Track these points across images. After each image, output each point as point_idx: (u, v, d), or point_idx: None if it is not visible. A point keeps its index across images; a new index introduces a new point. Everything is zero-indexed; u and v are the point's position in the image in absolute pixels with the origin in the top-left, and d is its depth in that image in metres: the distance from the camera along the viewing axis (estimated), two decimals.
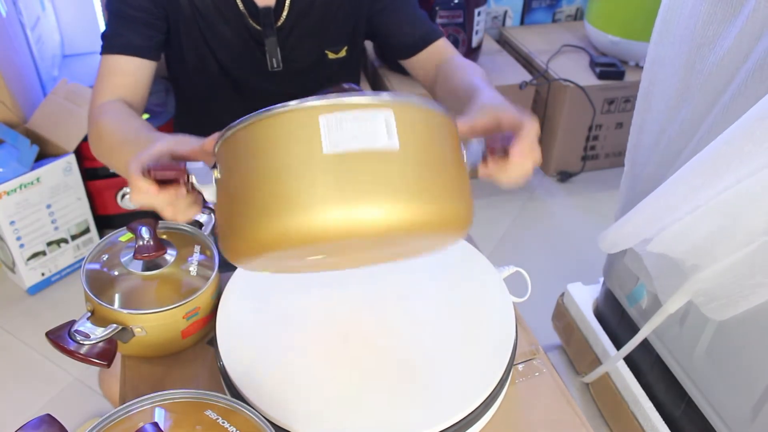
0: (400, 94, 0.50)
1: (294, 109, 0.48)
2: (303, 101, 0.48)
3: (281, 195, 0.47)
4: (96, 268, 0.73)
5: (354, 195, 0.47)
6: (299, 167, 0.47)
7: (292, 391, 0.61)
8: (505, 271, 0.78)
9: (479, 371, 0.63)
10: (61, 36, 2.40)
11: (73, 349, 0.65)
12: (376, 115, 0.48)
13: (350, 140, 0.47)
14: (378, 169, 0.47)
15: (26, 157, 1.54)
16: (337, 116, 0.47)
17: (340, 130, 0.47)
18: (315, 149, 0.47)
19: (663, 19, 1.04)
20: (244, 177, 0.50)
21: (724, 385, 1.04)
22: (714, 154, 0.80)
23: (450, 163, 0.52)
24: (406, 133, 0.48)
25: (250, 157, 0.49)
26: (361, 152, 0.47)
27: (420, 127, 0.50)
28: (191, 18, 0.92)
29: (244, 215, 0.49)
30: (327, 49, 0.99)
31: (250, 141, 0.50)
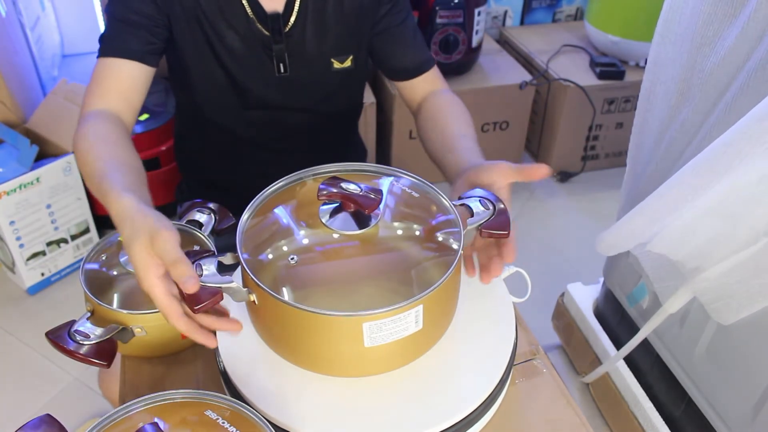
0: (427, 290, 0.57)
1: (343, 317, 0.56)
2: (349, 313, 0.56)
3: (320, 358, 0.61)
4: (95, 268, 0.73)
5: (377, 367, 0.62)
6: (341, 351, 0.60)
7: (292, 391, 0.61)
8: (505, 271, 0.78)
9: (479, 371, 0.63)
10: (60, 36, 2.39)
11: (73, 349, 0.65)
12: (409, 313, 0.57)
13: (386, 337, 0.57)
14: (401, 348, 0.60)
15: (26, 157, 1.54)
16: (377, 323, 0.56)
17: (379, 331, 0.57)
18: (357, 344, 0.57)
19: (664, 19, 1.03)
20: (286, 332, 0.60)
21: (725, 385, 1.04)
22: (713, 156, 0.80)
23: (453, 297, 0.65)
24: (428, 315, 0.59)
25: (292, 325, 0.59)
26: (393, 342, 0.58)
27: (440, 303, 0.61)
28: (196, 24, 0.91)
29: (280, 345, 0.63)
30: (333, 57, 0.99)
31: (293, 316, 0.57)
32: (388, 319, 0.56)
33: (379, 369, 0.62)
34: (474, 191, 0.69)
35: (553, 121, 2.09)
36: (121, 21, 0.89)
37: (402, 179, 0.69)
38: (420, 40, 1.02)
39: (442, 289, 0.58)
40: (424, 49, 1.03)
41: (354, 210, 0.62)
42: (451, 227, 0.62)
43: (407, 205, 0.66)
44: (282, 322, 0.59)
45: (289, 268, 0.59)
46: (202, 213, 0.82)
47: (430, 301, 0.57)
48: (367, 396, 0.61)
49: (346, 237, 0.61)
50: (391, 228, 0.63)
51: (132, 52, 0.88)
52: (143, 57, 0.89)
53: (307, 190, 0.68)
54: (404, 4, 1.00)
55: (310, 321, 0.56)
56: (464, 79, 2.00)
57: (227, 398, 0.55)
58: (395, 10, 0.98)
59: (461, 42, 1.89)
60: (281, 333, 0.61)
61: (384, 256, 0.62)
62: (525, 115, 2.08)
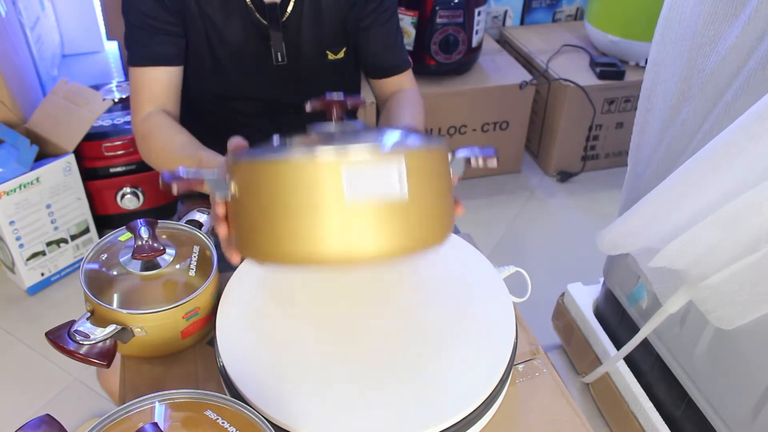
0: (410, 142, 0.58)
1: (320, 158, 0.53)
2: (327, 150, 0.53)
3: (300, 231, 0.54)
4: (95, 268, 0.73)
5: (361, 236, 0.54)
6: (320, 210, 0.54)
7: (292, 391, 0.61)
8: (505, 271, 0.78)
9: (479, 371, 0.63)
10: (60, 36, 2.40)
11: (73, 349, 0.65)
12: (391, 165, 0.54)
13: (368, 191, 0.53)
14: (386, 215, 0.55)
15: (26, 157, 1.54)
16: (358, 167, 0.53)
17: (359, 180, 0.53)
18: (336, 198, 0.53)
19: (665, 19, 1.04)
20: (264, 205, 0.56)
21: (725, 385, 1.04)
22: (713, 153, 0.80)
23: (442, 192, 0.60)
24: (413, 178, 0.55)
25: (271, 191, 0.55)
26: (375, 199, 0.54)
27: (425, 168, 0.57)
28: (198, 18, 0.94)
29: (261, 237, 0.56)
30: (327, 49, 1.01)
31: (272, 176, 0.55)
32: (368, 164, 0.53)
33: (364, 245, 0.55)
34: None
35: (553, 121, 2.09)
36: (139, 28, 0.93)
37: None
38: (400, 42, 1.07)
39: (427, 161, 0.57)
40: (402, 51, 1.07)
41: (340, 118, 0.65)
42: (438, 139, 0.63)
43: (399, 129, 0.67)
44: (260, 198, 0.56)
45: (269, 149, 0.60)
46: (202, 213, 0.82)
47: (414, 164, 0.55)
48: (367, 396, 0.61)
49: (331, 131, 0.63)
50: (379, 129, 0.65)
51: (161, 57, 0.93)
52: (172, 59, 0.94)
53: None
54: (390, 5, 1.02)
55: (289, 175, 0.54)
56: (464, 79, 2.00)
57: (227, 398, 0.55)
58: (381, 9, 1.01)
59: (461, 42, 1.89)
60: (260, 212, 0.56)
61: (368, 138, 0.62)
62: (525, 115, 2.08)
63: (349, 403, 0.60)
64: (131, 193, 1.77)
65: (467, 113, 2.01)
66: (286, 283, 0.74)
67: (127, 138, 1.70)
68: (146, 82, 0.95)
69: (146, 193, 1.79)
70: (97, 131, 1.69)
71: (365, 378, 0.63)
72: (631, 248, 1.06)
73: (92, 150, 1.68)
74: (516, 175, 2.19)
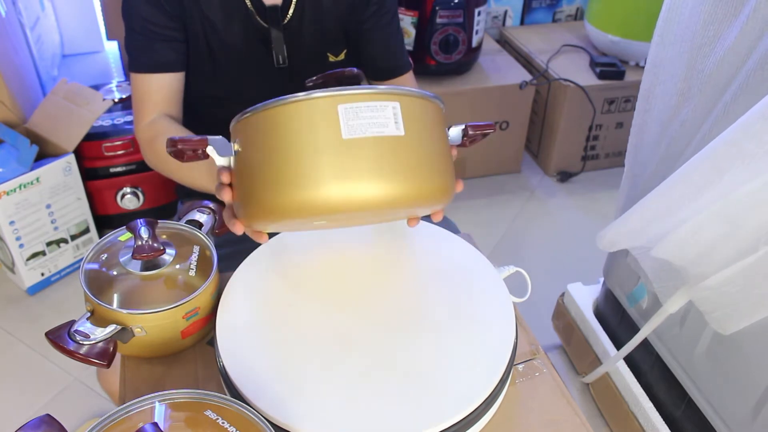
0: (403, 88, 0.59)
1: (316, 97, 0.55)
2: (323, 91, 0.55)
3: (301, 174, 0.55)
4: (95, 268, 0.73)
5: (361, 176, 0.55)
6: (319, 150, 0.55)
7: (292, 391, 0.61)
8: (505, 271, 0.78)
9: (479, 371, 0.63)
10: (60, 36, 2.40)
11: (73, 349, 0.65)
12: (386, 105, 0.56)
13: (364, 127, 0.55)
14: (384, 155, 0.56)
15: (26, 157, 1.54)
16: (354, 106, 0.55)
17: (356, 117, 0.55)
18: (334, 135, 0.55)
19: (664, 19, 1.04)
20: (266, 154, 0.57)
21: (725, 385, 1.04)
22: (715, 153, 0.80)
23: (439, 145, 0.61)
24: (408, 121, 0.57)
25: (272, 137, 0.57)
26: (372, 138, 0.55)
27: (419, 115, 0.59)
28: (198, 22, 0.93)
29: (265, 188, 0.58)
30: (328, 51, 1.01)
31: (273, 122, 0.57)
32: (364, 104, 0.55)
33: (366, 190, 0.56)
34: None
35: (553, 121, 2.09)
36: (140, 34, 0.92)
37: None
38: (401, 45, 1.07)
39: (422, 106, 0.59)
40: (403, 53, 1.07)
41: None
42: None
43: None
44: (262, 147, 0.58)
45: None
46: (202, 213, 0.82)
47: (409, 108, 0.57)
48: (367, 396, 0.61)
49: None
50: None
51: (164, 64, 0.93)
52: (171, 66, 0.94)
53: None
54: (390, 7, 1.02)
55: (287, 117, 0.56)
56: (464, 79, 2.00)
57: (227, 398, 0.55)
58: (382, 11, 1.00)
59: (461, 42, 1.89)
60: (262, 164, 0.58)
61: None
62: (525, 115, 2.08)
63: (349, 403, 0.60)
64: (131, 193, 1.77)
65: (467, 113, 2.01)
66: (286, 283, 0.74)
67: (127, 138, 1.70)
68: (148, 89, 0.94)
69: (146, 193, 1.79)
70: (97, 131, 1.69)
71: (365, 378, 0.63)
72: (631, 245, 1.06)
73: (92, 150, 1.68)
74: (516, 175, 2.19)
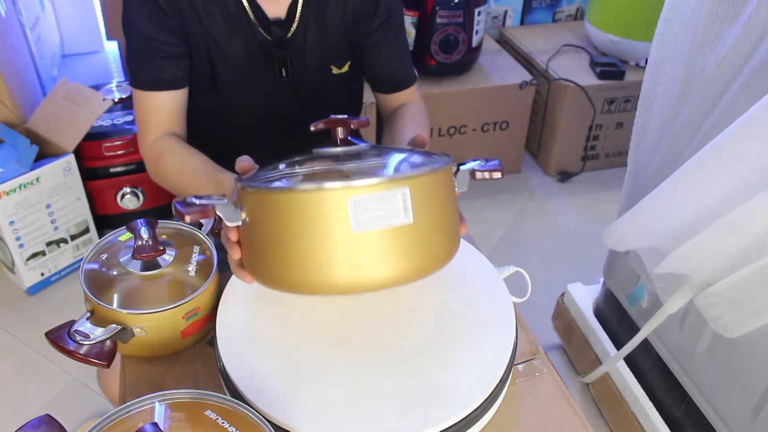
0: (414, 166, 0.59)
1: (326, 189, 0.55)
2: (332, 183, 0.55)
3: (310, 261, 0.57)
4: (95, 268, 0.73)
5: (370, 267, 0.57)
6: (328, 242, 0.56)
7: (292, 391, 0.61)
8: (505, 271, 0.78)
9: (479, 371, 0.63)
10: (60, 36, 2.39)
11: (73, 349, 0.65)
12: (395, 194, 0.55)
13: (374, 220, 0.55)
14: (393, 245, 0.57)
15: (26, 157, 1.54)
16: (363, 198, 0.54)
17: (365, 211, 0.54)
18: (344, 228, 0.55)
19: (665, 19, 1.04)
20: (274, 235, 0.58)
21: (725, 385, 1.04)
22: (721, 147, 0.80)
23: (447, 214, 0.62)
24: (417, 204, 0.57)
25: (280, 221, 0.57)
26: (381, 231, 0.56)
27: (429, 193, 0.59)
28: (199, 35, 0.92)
29: (272, 264, 0.59)
30: (332, 63, 1.00)
31: (280, 207, 0.57)
32: (373, 195, 0.55)
33: (373, 276, 0.57)
34: None
35: (553, 121, 2.09)
36: (143, 51, 0.91)
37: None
38: (407, 57, 1.05)
39: (431, 184, 0.58)
40: (409, 66, 1.06)
41: (343, 137, 0.65)
42: (442, 157, 0.64)
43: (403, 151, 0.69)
44: (270, 223, 0.58)
45: (279, 176, 0.62)
46: None
47: (418, 189, 0.57)
48: (367, 396, 0.61)
49: (336, 153, 0.64)
50: (383, 150, 0.66)
51: (167, 82, 0.92)
52: (175, 84, 0.93)
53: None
54: (397, 19, 1.01)
55: (296, 204, 0.56)
56: (464, 79, 2.00)
57: (227, 398, 0.55)
58: (388, 23, 0.99)
59: (461, 42, 1.89)
60: (270, 241, 0.58)
61: (374, 167, 0.63)
62: (525, 115, 2.08)
63: (349, 403, 0.60)
64: (131, 193, 1.77)
65: (467, 113, 2.01)
66: None
67: (127, 138, 1.70)
68: (152, 106, 0.93)
69: (146, 193, 1.79)
70: (97, 131, 1.69)
71: (365, 378, 0.63)
72: (637, 246, 1.05)
73: (92, 150, 1.68)
74: (516, 175, 2.19)
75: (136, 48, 0.92)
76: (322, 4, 0.94)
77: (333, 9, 0.95)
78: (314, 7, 0.94)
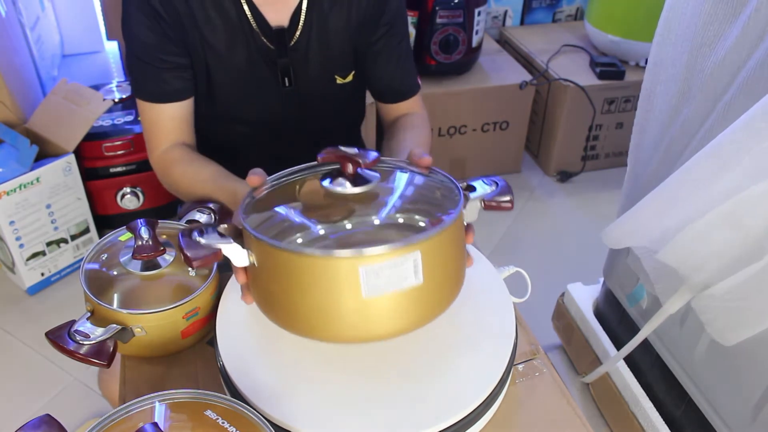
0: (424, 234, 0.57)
1: (338, 257, 0.55)
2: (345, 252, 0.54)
3: (319, 319, 0.58)
4: (95, 268, 0.73)
5: (380, 326, 0.58)
6: (338, 306, 0.57)
7: (292, 391, 0.61)
8: (505, 271, 0.78)
9: (479, 371, 0.63)
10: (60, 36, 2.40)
11: (73, 349, 0.65)
12: (406, 259, 0.55)
13: (384, 286, 0.55)
14: (402, 304, 0.58)
15: (26, 157, 1.54)
16: (374, 266, 0.54)
17: (376, 278, 0.55)
18: (354, 294, 0.55)
19: (665, 19, 1.04)
20: (283, 289, 0.58)
21: (725, 385, 1.04)
22: (721, 146, 0.80)
23: (456, 263, 0.62)
24: (428, 265, 0.57)
25: (289, 278, 0.57)
26: (391, 294, 0.56)
27: (439, 252, 0.59)
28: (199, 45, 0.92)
29: (281, 312, 0.60)
30: (335, 73, 0.99)
31: (290, 265, 0.57)
32: (384, 263, 0.54)
33: (381, 330, 0.59)
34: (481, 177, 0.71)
35: (553, 121, 2.09)
36: (145, 62, 0.90)
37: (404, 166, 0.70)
38: (411, 66, 1.04)
39: (442, 241, 0.58)
40: (413, 75, 1.05)
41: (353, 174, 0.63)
42: (452, 191, 0.63)
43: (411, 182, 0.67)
44: (279, 278, 0.58)
45: (288, 225, 0.61)
46: (202, 213, 0.82)
47: (428, 251, 0.56)
48: (367, 395, 0.61)
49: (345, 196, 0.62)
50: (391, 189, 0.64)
51: (167, 94, 0.92)
52: (180, 95, 0.93)
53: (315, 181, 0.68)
54: (400, 28, 1.00)
55: (306, 267, 0.56)
56: (464, 79, 2.00)
57: (227, 398, 0.55)
58: (391, 32, 0.98)
59: (461, 42, 1.90)
60: (279, 292, 0.59)
61: (384, 215, 0.62)
62: (525, 115, 2.08)
63: (349, 403, 0.60)
64: (131, 193, 1.77)
65: (467, 113, 2.01)
66: None
67: (127, 138, 1.70)
68: (158, 118, 0.93)
69: (146, 193, 1.79)
70: (97, 131, 1.69)
71: (365, 378, 0.63)
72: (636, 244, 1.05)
73: (92, 150, 1.68)
74: (516, 175, 2.19)
75: (138, 59, 0.91)
76: (325, 12, 0.93)
77: (336, 16, 0.94)
78: (317, 15, 0.93)
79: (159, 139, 0.94)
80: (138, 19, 0.88)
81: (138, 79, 0.93)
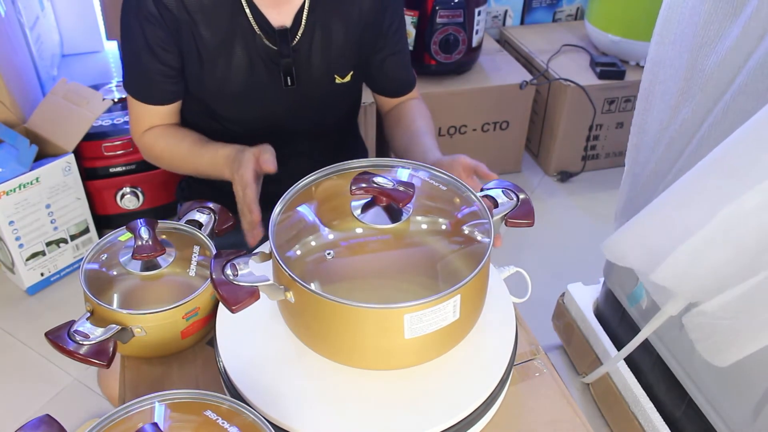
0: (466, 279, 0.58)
1: (386, 309, 0.56)
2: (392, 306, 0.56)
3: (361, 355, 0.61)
4: (95, 268, 0.73)
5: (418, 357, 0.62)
6: (380, 345, 0.59)
7: (292, 391, 0.61)
8: (505, 271, 0.78)
9: (479, 371, 0.63)
10: (60, 36, 2.40)
11: (73, 349, 0.65)
12: (448, 304, 0.57)
13: (426, 327, 0.58)
14: (439, 338, 0.60)
15: (25, 157, 1.54)
16: (418, 314, 0.56)
17: (419, 323, 0.57)
18: (397, 335, 0.57)
19: (664, 19, 1.03)
20: (322, 325, 0.60)
21: (725, 386, 1.04)
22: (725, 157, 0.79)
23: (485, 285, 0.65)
24: (465, 304, 0.59)
25: (331, 321, 0.59)
26: (432, 332, 0.59)
27: (475, 291, 0.62)
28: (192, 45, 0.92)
29: (321, 343, 0.62)
30: (336, 73, 0.99)
31: (333, 312, 0.57)
32: (428, 309, 0.56)
33: (416, 360, 0.62)
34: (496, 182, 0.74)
35: (553, 121, 2.09)
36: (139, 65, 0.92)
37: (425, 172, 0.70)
38: (409, 62, 1.08)
39: (476, 278, 0.59)
40: (410, 71, 1.08)
41: (386, 204, 0.63)
42: (480, 219, 0.65)
43: (435, 198, 0.68)
44: (321, 318, 0.59)
45: (324, 263, 0.60)
46: (202, 213, 0.82)
47: (466, 291, 0.58)
48: (368, 396, 0.61)
49: (380, 231, 0.62)
50: (422, 222, 0.64)
51: (155, 99, 0.96)
52: (170, 99, 0.96)
53: (334, 186, 0.68)
54: (401, 25, 1.02)
55: (351, 315, 0.57)
56: (464, 79, 2.00)
57: (227, 398, 0.55)
58: (396, 37, 1.01)
59: (461, 42, 1.89)
60: (320, 329, 0.60)
61: (417, 250, 0.63)
62: (525, 115, 2.08)
63: (349, 404, 0.60)
64: (131, 193, 1.77)
65: (467, 113, 2.01)
66: None
67: (127, 138, 1.70)
68: (145, 113, 0.97)
69: (146, 193, 1.79)
70: (96, 131, 1.69)
71: (365, 379, 0.63)
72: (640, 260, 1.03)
73: (92, 150, 1.68)
74: (516, 175, 2.19)
75: (131, 60, 0.94)
76: (328, 12, 0.94)
77: (339, 16, 0.95)
78: (320, 16, 0.94)
79: (143, 126, 0.99)
80: (134, 21, 0.89)
81: (128, 76, 0.96)
